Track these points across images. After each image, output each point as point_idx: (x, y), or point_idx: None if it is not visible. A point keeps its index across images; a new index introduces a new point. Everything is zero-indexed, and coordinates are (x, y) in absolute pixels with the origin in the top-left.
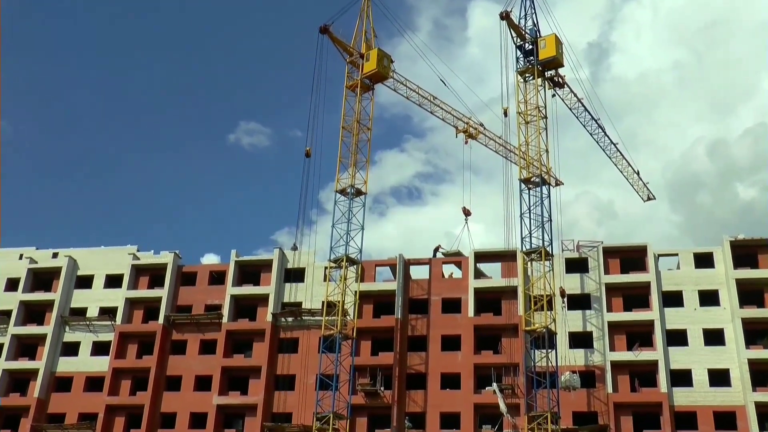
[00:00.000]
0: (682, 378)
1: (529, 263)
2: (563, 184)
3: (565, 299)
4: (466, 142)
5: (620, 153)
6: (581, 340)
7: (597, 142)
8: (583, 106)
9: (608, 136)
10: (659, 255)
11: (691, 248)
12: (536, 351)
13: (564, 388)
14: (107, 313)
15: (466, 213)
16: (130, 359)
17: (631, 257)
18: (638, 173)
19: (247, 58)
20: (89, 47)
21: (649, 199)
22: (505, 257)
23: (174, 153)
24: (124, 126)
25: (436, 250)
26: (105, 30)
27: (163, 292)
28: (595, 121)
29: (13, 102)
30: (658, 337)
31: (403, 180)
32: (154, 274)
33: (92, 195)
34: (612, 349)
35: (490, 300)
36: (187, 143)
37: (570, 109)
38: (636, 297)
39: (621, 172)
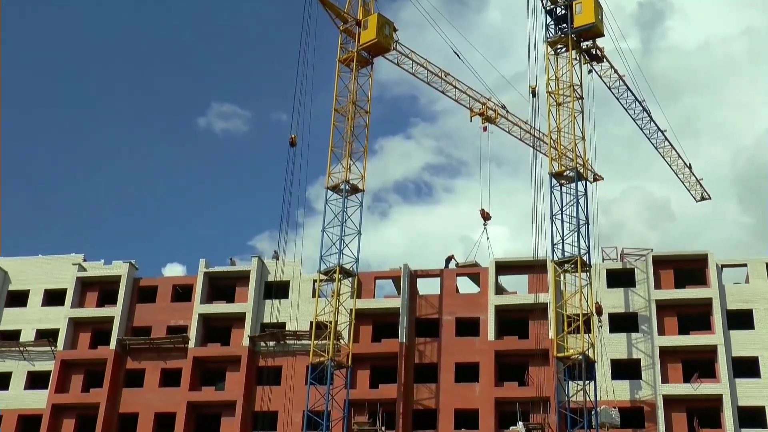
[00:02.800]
0: (753, 417)
1: (561, 275)
2: (602, 179)
3: (603, 318)
4: (484, 129)
5: (668, 142)
6: (626, 369)
7: (641, 129)
8: (625, 84)
9: (654, 122)
10: (723, 265)
11: (763, 257)
12: (571, 383)
13: (600, 425)
14: (46, 336)
15: (485, 217)
16: (74, 393)
17: (689, 268)
18: (690, 167)
19: (221, 25)
20: (26, 23)
21: (702, 198)
22: (533, 268)
23: (129, 141)
24: (66, 109)
25: (449, 260)
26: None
27: (115, 311)
28: (639, 103)
29: None
30: (723, 366)
31: (410, 173)
32: (104, 289)
33: (28, 193)
34: (665, 380)
35: (514, 320)
36: (147, 129)
37: (609, 88)
38: (694, 317)
39: (669, 165)
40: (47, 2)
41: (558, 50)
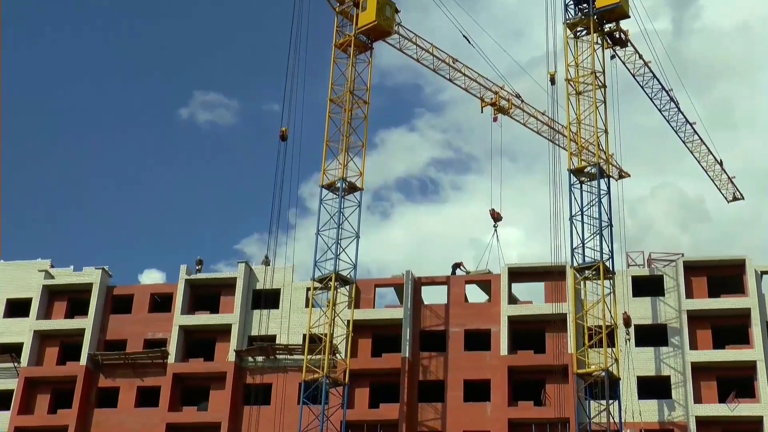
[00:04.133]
0: None
1: (582, 283)
2: (629, 175)
3: (631, 331)
4: (495, 119)
5: (698, 136)
6: (654, 387)
7: (668, 122)
8: (651, 71)
9: (682, 113)
10: (763, 272)
11: None
12: (592, 402)
13: None
14: (8, 351)
15: (496, 217)
16: (39, 415)
17: (724, 275)
18: (721, 163)
19: (204, 4)
20: None
21: (735, 198)
22: (551, 275)
23: (104, 133)
24: (36, 98)
25: (456, 267)
26: None
27: (86, 323)
28: (666, 92)
29: None
30: (763, 385)
31: (414, 169)
32: (73, 298)
33: None
34: (697, 400)
35: (529, 333)
36: (123, 120)
37: (633, 76)
38: (730, 329)
39: (698, 161)
40: None
41: (578, 33)
